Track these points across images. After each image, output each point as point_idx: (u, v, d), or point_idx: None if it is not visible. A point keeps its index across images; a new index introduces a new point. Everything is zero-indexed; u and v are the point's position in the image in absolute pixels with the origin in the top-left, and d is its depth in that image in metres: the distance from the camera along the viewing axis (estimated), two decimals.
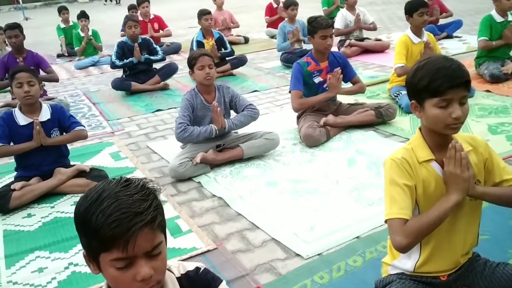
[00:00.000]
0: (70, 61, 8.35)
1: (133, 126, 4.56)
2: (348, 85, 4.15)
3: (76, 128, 3.25)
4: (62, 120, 3.25)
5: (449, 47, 6.85)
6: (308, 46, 6.76)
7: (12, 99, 4.72)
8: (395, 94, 4.47)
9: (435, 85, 1.62)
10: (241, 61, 6.35)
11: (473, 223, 1.83)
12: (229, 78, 6.14)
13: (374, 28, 7.08)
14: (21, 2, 20.29)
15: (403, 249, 1.66)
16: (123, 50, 5.76)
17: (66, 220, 2.86)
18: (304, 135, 3.67)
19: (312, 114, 3.93)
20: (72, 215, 2.40)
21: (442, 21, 7.65)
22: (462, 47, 6.80)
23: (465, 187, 1.65)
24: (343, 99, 4.20)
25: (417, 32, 4.43)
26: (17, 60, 5.03)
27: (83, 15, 7.89)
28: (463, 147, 1.67)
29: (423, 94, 1.67)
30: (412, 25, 4.45)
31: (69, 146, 3.95)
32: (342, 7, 8.31)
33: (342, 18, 6.91)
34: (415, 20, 4.38)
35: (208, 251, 2.43)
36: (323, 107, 3.98)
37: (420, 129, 1.79)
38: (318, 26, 3.75)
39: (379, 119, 3.91)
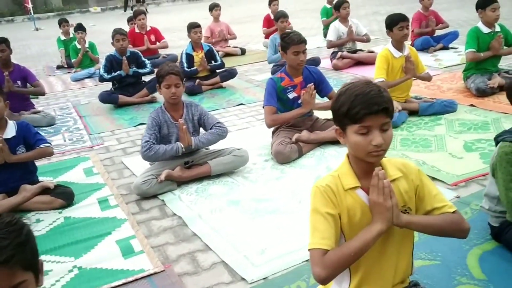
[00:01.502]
0: (68, 72, 8.43)
1: (113, 141, 4.57)
2: (325, 100, 4.11)
3: (41, 145, 3.26)
4: (28, 137, 3.26)
5: (443, 59, 6.77)
6: None
7: None
8: None
9: (353, 112, 1.59)
10: (230, 73, 6.33)
11: (404, 252, 1.77)
12: (218, 91, 6.14)
13: (367, 40, 7.01)
14: (32, 13, 20.58)
15: (322, 281, 1.61)
16: (112, 63, 5.80)
17: None
18: (275, 152, 3.63)
19: (286, 130, 3.89)
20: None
21: (438, 32, 7.56)
22: (456, 58, 6.70)
23: (388, 216, 1.61)
24: (320, 114, 4.16)
25: (398, 46, 4.37)
26: (4, 74, 5.06)
27: (79, 28, 7.99)
28: (386, 175, 1.62)
29: (344, 121, 1.64)
30: (393, 39, 4.39)
31: (46, 161, 4.00)
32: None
33: (335, 30, 6.86)
34: (396, 35, 4.32)
35: (155, 273, 2.40)
36: (298, 122, 3.93)
37: (348, 155, 1.75)
38: (290, 42, 3.72)
39: None
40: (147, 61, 6.03)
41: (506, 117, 4.14)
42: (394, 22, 4.30)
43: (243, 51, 8.75)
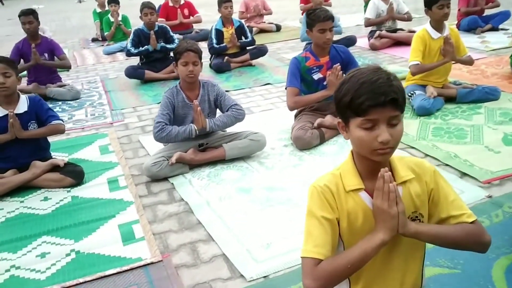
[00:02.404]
0: (102, 46, 8.41)
1: (134, 118, 4.47)
2: None
3: (52, 122, 3.18)
4: (40, 113, 3.19)
5: (491, 41, 6.31)
6: (336, 36, 6.42)
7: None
8: (410, 94, 4.09)
9: (357, 102, 1.37)
10: (261, 51, 6.11)
11: (413, 262, 1.56)
12: (246, 69, 5.94)
13: (408, 19, 6.59)
14: None
15: None
16: (139, 38, 5.69)
17: (30, 217, 2.79)
18: (294, 137, 3.43)
19: (310, 113, 3.67)
20: (38, 211, 2.63)
21: (488, 12, 7.04)
22: (505, 41, 6.22)
23: (393, 224, 1.40)
24: None
25: (437, 26, 4.02)
26: (31, 46, 5.03)
27: (113, 0, 7.91)
28: (394, 177, 1.41)
29: (347, 112, 1.43)
30: (432, 19, 4.04)
31: (64, 136, 3.95)
32: None
33: (374, 7, 6.49)
34: (435, 14, 3.97)
35: (152, 263, 2.27)
36: (322, 106, 3.70)
37: (352, 152, 1.54)
38: (316, 19, 3.47)
39: None
40: (175, 36, 5.88)
41: None
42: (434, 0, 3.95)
43: (278, 28, 8.47)
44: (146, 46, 5.65)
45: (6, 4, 20.65)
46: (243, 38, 6.11)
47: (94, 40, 9.01)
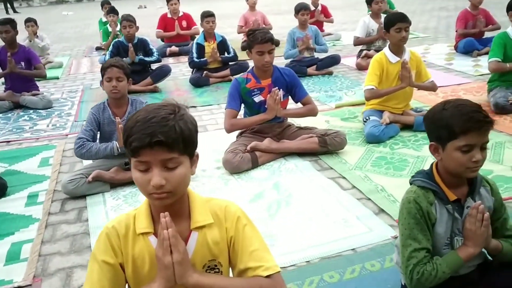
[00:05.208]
0: (104, 55, 8.51)
1: None
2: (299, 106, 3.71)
3: None
4: None
5: (483, 65, 5.99)
6: (321, 55, 6.28)
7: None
8: (365, 119, 3.93)
9: (128, 142, 1.27)
10: (241, 67, 6.01)
11: None
12: (224, 85, 5.84)
13: None
14: None
15: None
16: (118, 50, 5.70)
17: None
18: (224, 160, 3.32)
19: (250, 135, 3.56)
20: None
21: (488, 34, 6.74)
22: None
23: (167, 274, 1.30)
24: (298, 121, 3.77)
25: (396, 50, 3.84)
26: (8, 54, 5.12)
27: (112, 11, 8.03)
28: (171, 223, 1.30)
29: (126, 152, 1.33)
30: (390, 42, 3.88)
31: (15, 146, 3.97)
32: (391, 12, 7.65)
33: (364, 26, 6.29)
34: (392, 37, 3.80)
35: (19, 287, 2.21)
36: (264, 128, 3.58)
37: None
38: (254, 41, 3.36)
39: (323, 148, 3.44)
40: (154, 49, 5.87)
41: None
42: (391, 22, 3.78)
43: (276, 43, 8.32)
44: (124, 58, 5.65)
45: (37, 10, 21.38)
46: (225, 53, 6.04)
47: (98, 48, 9.15)
